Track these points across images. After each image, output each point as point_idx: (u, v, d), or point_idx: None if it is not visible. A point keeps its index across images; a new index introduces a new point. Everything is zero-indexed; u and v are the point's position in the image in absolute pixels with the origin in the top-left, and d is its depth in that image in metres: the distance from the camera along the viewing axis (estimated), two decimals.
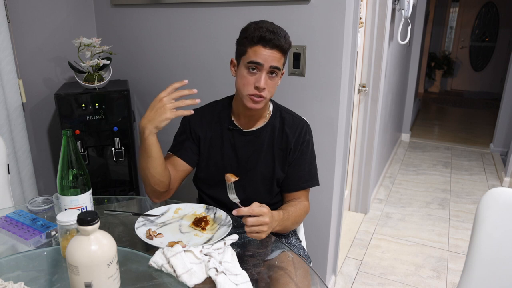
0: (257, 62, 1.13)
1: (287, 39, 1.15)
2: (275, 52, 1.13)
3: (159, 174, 1.19)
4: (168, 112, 1.09)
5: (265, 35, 1.12)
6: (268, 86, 1.16)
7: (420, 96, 6.61)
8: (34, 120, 1.99)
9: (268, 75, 1.15)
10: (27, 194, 1.89)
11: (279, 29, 1.14)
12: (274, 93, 1.22)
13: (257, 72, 1.15)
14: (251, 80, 1.15)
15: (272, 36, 1.12)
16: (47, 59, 1.99)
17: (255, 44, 1.13)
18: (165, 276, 0.91)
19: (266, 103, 1.25)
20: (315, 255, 1.84)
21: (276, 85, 1.20)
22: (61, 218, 0.92)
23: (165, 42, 1.96)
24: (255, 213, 1.00)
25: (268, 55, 1.12)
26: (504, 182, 3.36)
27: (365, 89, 2.56)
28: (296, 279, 1.04)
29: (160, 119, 1.09)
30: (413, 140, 4.62)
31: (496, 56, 6.68)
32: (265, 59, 1.13)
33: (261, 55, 1.13)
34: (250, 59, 1.14)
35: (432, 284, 2.10)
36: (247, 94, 1.17)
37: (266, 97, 1.17)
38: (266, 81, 1.15)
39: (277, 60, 1.14)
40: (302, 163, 1.29)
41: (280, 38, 1.12)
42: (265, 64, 1.13)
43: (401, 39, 2.89)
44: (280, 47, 1.13)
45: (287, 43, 1.15)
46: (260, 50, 1.13)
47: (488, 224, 1.05)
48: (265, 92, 1.16)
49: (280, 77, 1.22)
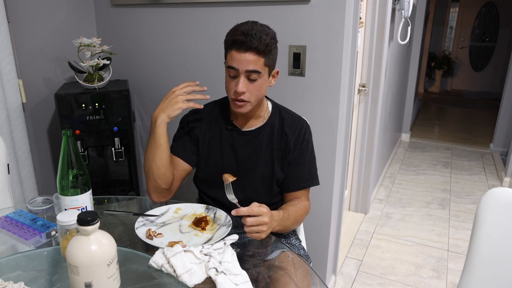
0: (232, 67, 1.13)
1: (263, 39, 1.10)
2: (250, 55, 1.11)
3: (164, 167, 1.21)
4: (181, 102, 1.18)
5: (237, 38, 1.10)
6: (249, 89, 1.15)
7: (420, 96, 6.61)
8: (34, 120, 1.99)
9: (248, 79, 1.14)
10: (27, 194, 1.89)
11: (256, 30, 1.10)
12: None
13: (236, 77, 1.15)
14: (232, 84, 1.16)
15: (244, 38, 1.09)
16: (47, 59, 1.99)
17: (230, 48, 1.14)
18: (165, 276, 0.91)
19: (258, 104, 1.23)
20: (315, 255, 1.84)
21: (260, 87, 1.17)
22: (61, 218, 0.92)
23: (165, 42, 1.96)
24: (254, 213, 1.00)
25: (242, 59, 1.11)
26: (504, 182, 3.36)
27: (365, 89, 2.56)
28: (296, 279, 1.04)
29: (172, 108, 1.18)
30: (413, 140, 4.62)
31: (496, 56, 6.68)
32: (239, 63, 1.11)
33: (235, 60, 1.12)
34: (228, 64, 1.15)
35: (432, 284, 2.11)
36: (230, 98, 1.19)
37: (250, 101, 1.16)
38: (245, 85, 1.14)
39: (253, 63, 1.11)
40: (302, 163, 1.29)
41: (253, 39, 1.09)
42: (240, 69, 1.12)
43: (401, 39, 2.89)
44: (254, 49, 1.10)
45: (263, 44, 1.10)
46: (234, 54, 1.12)
47: (488, 224, 1.05)
48: (246, 96, 1.15)
49: (271, 76, 1.21)
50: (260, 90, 1.17)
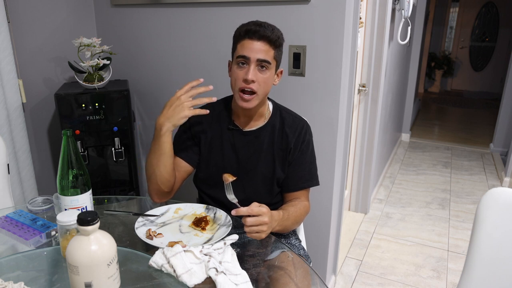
0: (243, 55, 1.14)
1: (275, 31, 1.15)
2: (262, 44, 1.13)
3: (167, 173, 1.21)
4: (186, 110, 1.14)
5: (251, 28, 1.14)
6: (258, 80, 1.15)
7: (420, 96, 6.61)
8: (34, 120, 1.99)
9: (258, 68, 1.15)
10: (27, 194, 1.89)
11: (267, 23, 1.16)
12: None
13: (246, 66, 1.15)
14: (241, 74, 1.16)
15: (258, 28, 1.13)
16: (47, 59, 1.99)
17: (242, 38, 1.15)
18: (165, 276, 0.91)
19: (262, 102, 1.23)
20: (315, 255, 1.84)
21: (268, 80, 1.18)
22: (61, 218, 0.92)
23: (165, 42, 1.96)
24: (254, 213, 1.00)
25: (255, 47, 1.13)
26: (504, 182, 3.36)
27: (365, 89, 2.56)
28: (296, 279, 1.04)
29: (178, 116, 1.14)
30: (413, 140, 4.62)
31: (496, 56, 6.68)
32: (250, 52, 1.13)
33: (247, 48, 1.14)
34: (238, 54, 1.16)
35: (432, 284, 2.10)
36: (237, 89, 1.18)
37: (258, 92, 1.16)
38: (255, 74, 1.14)
39: (265, 53, 1.14)
40: (302, 163, 1.29)
41: (266, 29, 1.13)
42: (252, 57, 1.13)
43: (401, 39, 2.89)
44: (267, 37, 1.13)
45: (275, 35, 1.15)
46: (247, 43, 1.14)
47: (488, 224, 1.05)
48: (255, 86, 1.15)
49: (276, 75, 1.22)
50: (267, 84, 1.18)
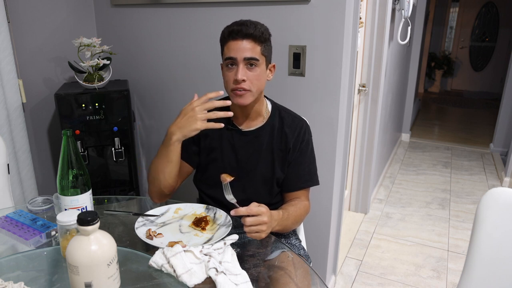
0: (230, 57, 1.15)
1: (258, 27, 1.15)
2: (247, 42, 1.13)
3: (171, 179, 1.21)
4: (199, 123, 1.12)
5: (233, 28, 1.14)
6: (249, 78, 1.15)
7: (420, 96, 6.61)
8: (34, 120, 1.99)
9: (246, 67, 1.15)
10: (27, 194, 1.89)
11: (250, 21, 1.15)
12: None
13: (234, 67, 1.16)
14: (231, 75, 1.16)
15: (240, 27, 1.13)
16: (47, 59, 1.99)
17: (227, 41, 1.16)
18: (165, 276, 0.91)
19: (257, 99, 1.22)
20: (315, 255, 1.84)
21: (260, 77, 1.18)
22: (61, 218, 0.92)
23: (165, 42, 1.96)
24: (253, 212, 1.00)
25: (240, 47, 1.13)
26: (504, 182, 3.36)
27: (365, 89, 2.56)
28: (296, 279, 1.04)
29: (190, 128, 1.13)
30: (413, 140, 4.62)
31: (496, 56, 6.67)
32: (236, 52, 1.13)
33: (233, 49, 1.14)
34: (225, 56, 1.16)
35: (432, 284, 2.10)
36: (229, 90, 1.18)
37: (251, 90, 1.16)
38: (244, 73, 1.14)
39: (251, 51, 1.14)
40: (302, 163, 1.29)
41: (249, 27, 1.13)
42: (238, 57, 1.13)
43: (401, 39, 2.89)
44: (250, 35, 1.13)
45: (258, 31, 1.14)
46: (232, 44, 1.14)
47: (488, 224, 1.05)
48: (247, 84, 1.15)
49: (268, 70, 1.22)
50: (259, 80, 1.18)
